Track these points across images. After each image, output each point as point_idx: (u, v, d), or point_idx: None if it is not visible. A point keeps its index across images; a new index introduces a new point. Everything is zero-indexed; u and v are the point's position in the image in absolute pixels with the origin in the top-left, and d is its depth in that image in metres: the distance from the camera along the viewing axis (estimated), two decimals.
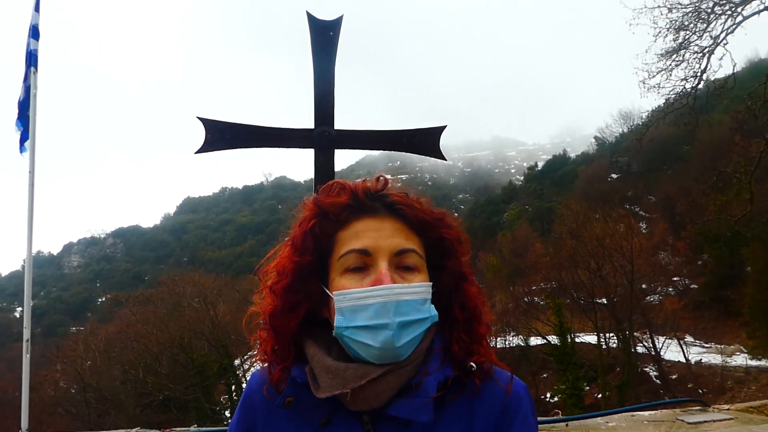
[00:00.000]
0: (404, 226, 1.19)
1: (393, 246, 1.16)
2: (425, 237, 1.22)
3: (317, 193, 1.27)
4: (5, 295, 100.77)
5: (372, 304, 1.11)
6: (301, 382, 1.18)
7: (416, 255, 1.18)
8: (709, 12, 16.59)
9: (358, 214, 1.20)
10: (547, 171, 79.36)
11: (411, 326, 1.12)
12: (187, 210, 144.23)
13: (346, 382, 1.11)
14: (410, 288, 1.13)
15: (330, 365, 1.14)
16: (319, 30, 3.50)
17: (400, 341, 1.11)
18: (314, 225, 1.21)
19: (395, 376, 1.12)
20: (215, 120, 3.46)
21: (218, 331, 34.76)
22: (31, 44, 6.67)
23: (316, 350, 1.18)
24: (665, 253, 42.36)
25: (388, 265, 1.14)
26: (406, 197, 1.23)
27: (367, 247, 1.16)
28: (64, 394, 37.03)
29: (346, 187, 1.24)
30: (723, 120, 31.97)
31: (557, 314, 30.47)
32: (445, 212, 1.27)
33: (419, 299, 1.14)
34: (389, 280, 1.12)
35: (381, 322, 1.10)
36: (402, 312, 1.11)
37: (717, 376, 30.60)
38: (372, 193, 1.22)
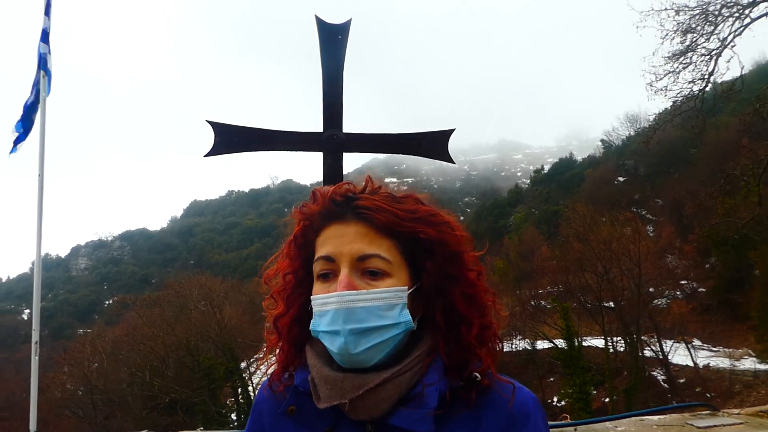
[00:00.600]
0: (370, 229, 1.16)
1: (354, 252, 1.14)
2: (399, 237, 1.18)
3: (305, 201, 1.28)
4: (13, 298, 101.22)
5: (329, 311, 1.12)
6: (303, 391, 1.18)
7: (381, 259, 1.15)
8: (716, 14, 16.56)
9: (328, 221, 1.19)
10: (554, 174, 79.18)
11: (372, 333, 1.11)
12: (194, 213, 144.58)
13: (344, 393, 1.10)
14: (368, 294, 1.12)
15: (328, 375, 1.14)
16: (328, 33, 3.50)
17: (356, 348, 1.10)
18: (298, 233, 1.24)
19: (394, 385, 1.11)
20: (224, 123, 3.47)
21: (225, 333, 34.82)
22: (41, 48, 6.70)
23: (316, 359, 1.18)
24: (673, 256, 42.18)
25: (350, 271, 1.13)
26: (379, 200, 1.18)
27: (330, 253, 1.15)
28: (71, 396, 37.15)
29: (322, 193, 1.23)
30: (730, 122, 31.81)
31: (564, 318, 30.36)
32: (430, 210, 1.22)
33: (382, 305, 1.12)
34: (344, 286, 1.11)
35: (333, 329, 1.11)
36: (357, 319, 1.10)
37: (725, 380, 30.43)
38: (338, 199, 1.20)
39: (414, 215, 1.18)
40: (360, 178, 1.28)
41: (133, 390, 34.83)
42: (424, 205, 1.22)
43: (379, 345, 1.12)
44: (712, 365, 32.75)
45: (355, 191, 1.22)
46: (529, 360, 36.85)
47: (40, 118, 6.74)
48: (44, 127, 6.76)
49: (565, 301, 33.78)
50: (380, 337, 1.12)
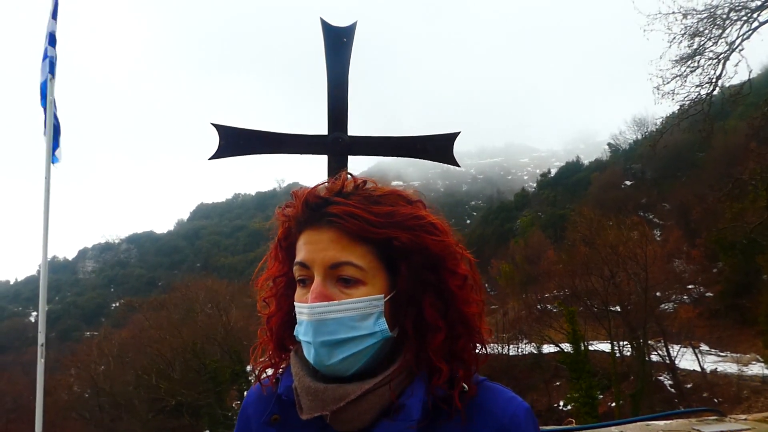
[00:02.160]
0: (342, 236, 1.11)
1: (326, 259, 1.09)
2: (374, 242, 1.12)
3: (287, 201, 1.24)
4: (21, 300, 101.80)
5: (303, 321, 1.11)
6: (287, 400, 1.16)
7: (353, 267, 1.10)
8: (724, 18, 16.48)
9: (304, 226, 1.15)
10: (560, 178, 79.07)
11: (344, 344, 1.08)
12: (201, 216, 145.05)
13: (325, 404, 1.08)
14: (339, 305, 1.08)
15: (309, 386, 1.11)
16: (333, 36, 3.51)
17: (330, 359, 1.08)
18: (281, 236, 1.22)
19: (376, 396, 1.08)
20: (229, 126, 3.47)
21: (231, 336, 34.90)
22: (48, 51, 6.72)
23: (299, 368, 1.15)
24: (680, 260, 42.01)
25: (323, 279, 1.10)
26: (354, 203, 1.12)
27: (304, 260, 1.12)
28: (78, 399, 37.32)
29: (299, 196, 1.19)
30: (738, 126, 31.69)
31: (570, 322, 30.28)
32: (411, 213, 1.14)
33: (354, 315, 1.08)
34: (315, 297, 1.08)
35: (306, 340, 1.10)
36: (327, 331, 1.07)
37: (733, 386, 30.26)
38: (312, 202, 1.15)
39: (389, 219, 1.11)
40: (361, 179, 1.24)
41: (140, 393, 34.94)
42: (405, 206, 1.15)
43: (354, 355, 1.09)
44: (720, 370, 32.57)
45: (329, 194, 1.15)
46: (535, 364, 36.75)
47: (47, 121, 6.76)
48: (51, 130, 6.78)
49: (571, 304, 33.70)
50: (354, 347, 1.09)
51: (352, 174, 1.22)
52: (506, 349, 39.84)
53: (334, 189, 1.17)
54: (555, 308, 38.11)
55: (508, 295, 46.94)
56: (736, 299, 36.71)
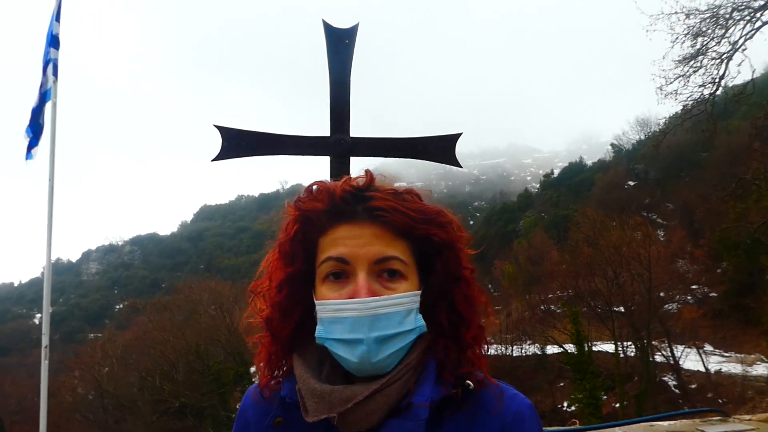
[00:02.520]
0: (386, 231, 1.11)
1: (372, 254, 1.09)
2: (412, 238, 1.14)
3: (299, 195, 1.22)
4: (25, 302, 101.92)
5: (347, 318, 1.07)
6: (290, 402, 1.14)
7: (399, 261, 1.11)
8: (727, 18, 16.46)
9: (337, 220, 1.13)
10: (563, 178, 78.91)
11: (392, 340, 1.07)
12: (204, 217, 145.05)
13: (332, 406, 1.06)
14: (389, 300, 1.08)
15: (315, 388, 1.09)
16: (335, 38, 3.51)
17: (378, 356, 1.06)
18: (297, 231, 1.17)
19: (383, 396, 1.07)
20: (232, 128, 3.48)
21: (234, 338, 34.89)
22: (51, 53, 6.72)
23: (304, 371, 1.14)
24: (683, 260, 41.90)
25: (366, 274, 1.09)
26: (391, 198, 1.13)
27: (344, 255, 1.09)
28: (82, 400, 37.38)
29: (323, 189, 1.17)
30: (742, 126, 31.63)
31: (574, 322, 30.24)
32: (438, 210, 1.17)
33: (402, 311, 1.09)
34: (365, 292, 1.07)
35: (355, 337, 1.06)
36: (379, 326, 1.06)
37: (737, 386, 30.18)
38: (349, 195, 1.14)
39: (425, 216, 1.14)
40: None
41: (143, 394, 34.98)
42: (427, 204, 1.18)
43: (398, 351, 1.09)
44: (724, 371, 32.49)
45: (362, 188, 1.16)
46: (538, 365, 36.71)
47: (50, 124, 6.77)
48: (55, 133, 6.79)
49: (574, 305, 33.67)
50: (400, 343, 1.09)
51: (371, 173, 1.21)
52: (510, 350, 39.80)
53: (362, 183, 1.18)
54: (558, 309, 38.06)
55: (512, 296, 46.85)
56: (740, 299, 36.60)
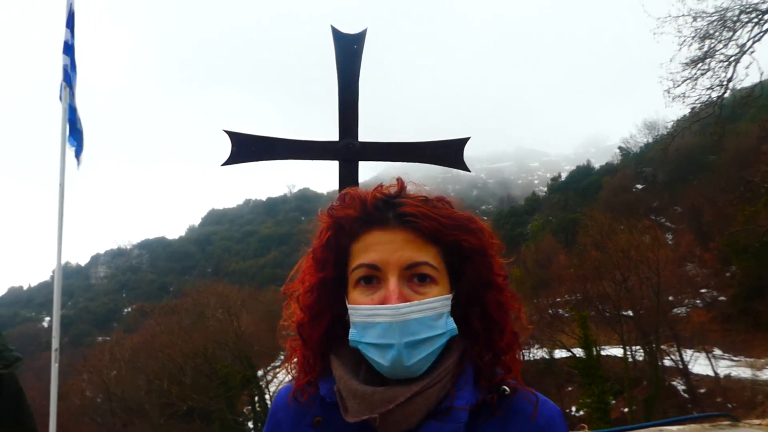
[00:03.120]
0: (417, 237, 1.14)
1: (403, 260, 1.12)
2: (442, 244, 1.16)
3: (334, 201, 1.25)
4: (34, 305, 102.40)
5: (379, 323, 1.09)
6: (330, 402, 1.16)
7: (429, 267, 1.13)
8: (734, 20, 16.40)
9: (368, 226, 1.16)
10: (571, 182, 78.67)
11: (423, 344, 1.09)
12: (212, 222, 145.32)
13: (373, 407, 1.08)
14: (420, 305, 1.09)
15: (357, 389, 1.11)
16: (344, 43, 3.53)
17: (410, 360, 1.08)
18: (329, 237, 1.19)
19: (423, 398, 1.09)
20: (241, 133, 3.50)
21: (242, 342, 34.95)
22: (64, 60, 6.78)
23: (343, 372, 1.16)
24: (692, 264, 41.67)
25: (398, 279, 1.11)
26: (422, 204, 1.16)
27: (375, 261, 1.12)
28: (90, 404, 37.49)
29: (355, 196, 1.20)
30: (750, 129, 31.45)
31: (582, 326, 30.11)
32: (468, 216, 1.20)
33: (432, 315, 1.10)
34: (396, 298, 1.09)
35: (387, 342, 1.08)
36: (410, 331, 1.08)
37: (747, 391, 29.95)
38: (380, 202, 1.18)
39: (456, 222, 1.17)
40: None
41: (151, 398, 35.05)
42: (456, 210, 1.21)
43: (429, 355, 1.10)
44: (734, 375, 32.26)
45: (393, 195, 1.20)
46: (547, 369, 36.54)
47: (61, 129, 6.81)
48: (65, 138, 6.83)
49: (583, 309, 33.51)
50: (431, 347, 1.10)
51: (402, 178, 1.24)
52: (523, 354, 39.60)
53: (394, 191, 1.21)
54: (567, 313, 37.89)
55: (520, 300, 46.71)
56: (749, 303, 36.35)
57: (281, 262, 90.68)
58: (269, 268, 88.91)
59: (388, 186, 1.23)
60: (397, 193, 1.21)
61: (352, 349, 1.17)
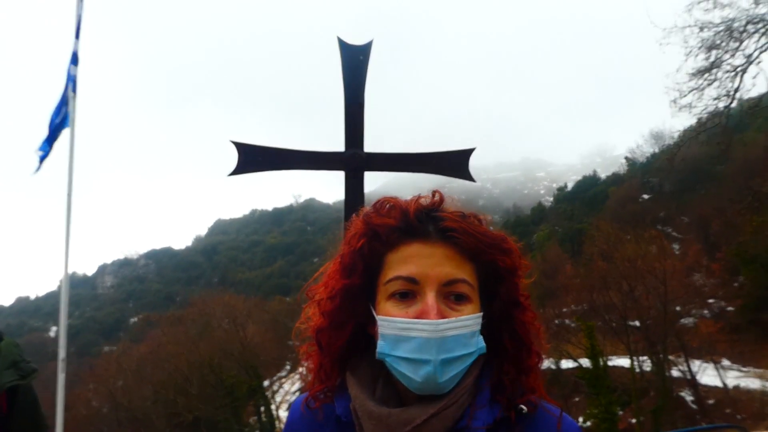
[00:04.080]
0: (456, 252, 1.12)
1: (443, 275, 1.10)
2: (478, 262, 1.15)
3: (368, 208, 1.22)
4: (41, 315, 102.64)
5: (415, 337, 1.06)
6: (346, 422, 1.14)
7: (467, 284, 1.12)
8: (741, 30, 16.42)
9: (408, 238, 1.14)
10: (577, 192, 78.59)
11: (456, 361, 1.08)
12: (218, 232, 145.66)
13: (390, 429, 1.07)
14: (457, 322, 1.08)
15: (372, 411, 1.09)
16: (350, 54, 3.56)
17: (443, 377, 1.06)
18: (363, 244, 1.16)
19: (440, 419, 1.07)
20: (248, 143, 3.52)
21: (248, 352, 34.91)
22: (71, 70, 6.84)
23: (359, 391, 1.14)
24: (699, 274, 41.43)
25: (435, 295, 1.09)
26: (461, 219, 1.15)
27: (414, 275, 1.10)
28: (97, 414, 37.46)
29: (396, 206, 1.18)
30: (757, 139, 31.45)
31: (589, 337, 29.95)
32: (502, 236, 1.19)
33: (467, 333, 1.09)
34: (435, 313, 1.07)
35: (423, 357, 1.06)
36: (447, 348, 1.06)
37: (756, 402, 29.69)
38: (424, 214, 1.16)
39: (492, 241, 1.15)
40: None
41: (157, 408, 35.00)
42: (491, 229, 1.20)
43: (459, 373, 1.09)
44: (742, 386, 32.00)
45: (434, 208, 1.18)
46: (553, 379, 36.33)
47: (69, 138, 6.85)
48: (73, 148, 6.87)
49: (589, 319, 33.35)
50: (463, 364, 1.09)
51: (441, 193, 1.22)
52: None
53: (435, 204, 1.19)
54: (573, 323, 37.72)
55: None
56: (757, 314, 36.09)
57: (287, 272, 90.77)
58: (275, 278, 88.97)
59: (426, 197, 1.21)
60: (437, 206, 1.19)
61: (369, 364, 1.17)
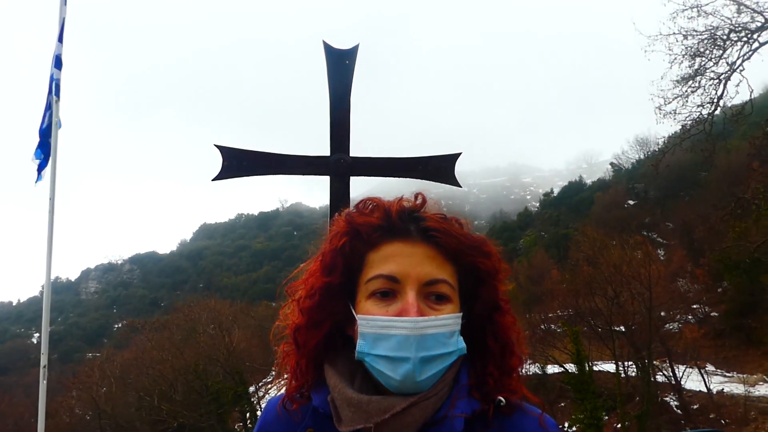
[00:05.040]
0: (437, 252, 1.14)
1: (423, 275, 1.11)
2: (459, 264, 1.16)
3: (351, 208, 1.23)
4: (23, 321, 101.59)
5: (394, 335, 1.07)
6: (323, 413, 1.14)
7: (447, 285, 1.13)
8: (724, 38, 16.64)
9: (390, 237, 1.15)
10: (563, 197, 79.06)
11: (435, 360, 1.08)
12: (204, 236, 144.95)
13: (369, 416, 1.06)
14: (437, 321, 1.09)
15: (352, 398, 1.09)
16: (335, 58, 3.55)
17: (421, 375, 1.06)
18: (345, 243, 1.17)
19: (420, 408, 1.08)
20: (232, 147, 3.50)
21: (233, 357, 34.74)
22: (54, 74, 6.79)
23: (338, 380, 1.14)
24: (684, 280, 41.84)
25: (416, 294, 1.10)
26: (443, 221, 1.17)
27: (395, 273, 1.11)
28: (80, 421, 37.16)
29: (379, 205, 1.19)
30: (741, 146, 31.73)
31: (574, 342, 30.08)
32: (483, 239, 1.21)
33: (446, 332, 1.09)
34: (415, 311, 1.07)
35: (402, 355, 1.06)
36: (426, 346, 1.07)
37: (740, 407, 29.95)
38: (406, 214, 1.17)
39: (473, 244, 1.17)
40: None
41: (141, 414, 34.76)
42: (471, 233, 1.21)
43: (438, 372, 1.09)
44: (726, 391, 32.28)
45: (416, 209, 1.20)
46: (539, 384, 36.43)
47: (52, 143, 6.80)
48: (56, 153, 6.82)
49: (575, 324, 33.52)
50: (442, 364, 1.09)
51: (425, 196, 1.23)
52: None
53: (418, 205, 1.21)
54: (559, 328, 37.89)
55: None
56: (741, 319, 36.50)
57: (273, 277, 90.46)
58: (261, 283, 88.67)
59: (407, 199, 1.22)
60: (420, 207, 1.20)
61: (348, 361, 1.16)
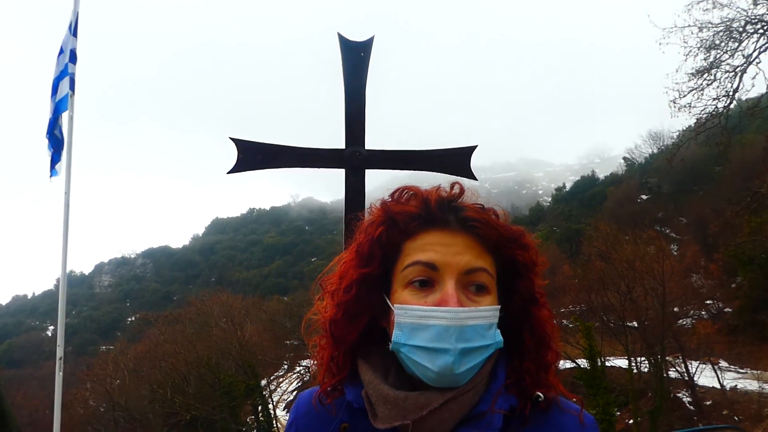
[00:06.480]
0: (476, 242, 1.11)
1: (463, 263, 1.08)
2: (497, 256, 1.14)
3: (385, 197, 1.21)
4: (38, 314, 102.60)
5: (433, 325, 1.04)
6: (357, 408, 1.12)
7: (487, 274, 1.10)
8: (740, 31, 16.44)
9: (428, 226, 1.12)
10: (576, 192, 78.61)
11: (474, 352, 1.05)
12: (216, 231, 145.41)
13: (406, 413, 1.04)
14: (477, 312, 1.06)
15: (388, 394, 1.07)
16: (351, 50, 3.53)
17: (460, 368, 1.04)
18: (381, 232, 1.14)
19: (457, 404, 1.06)
20: (247, 140, 3.49)
21: (245, 351, 34.87)
22: (69, 68, 6.77)
23: (372, 376, 1.11)
24: (697, 275, 41.51)
25: (455, 283, 1.07)
26: (482, 211, 1.15)
27: (434, 261, 1.08)
28: (94, 413, 37.40)
29: (417, 194, 1.17)
30: (756, 140, 31.38)
31: (587, 337, 29.93)
32: (522, 231, 1.18)
33: (485, 324, 1.07)
34: (455, 301, 1.05)
35: (441, 346, 1.03)
36: (465, 338, 1.04)
37: (753, 403, 29.71)
38: (445, 204, 1.15)
39: (512, 235, 1.15)
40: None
41: (155, 407, 34.97)
42: (509, 224, 1.19)
43: (477, 365, 1.07)
44: (740, 387, 32.03)
45: (455, 198, 1.18)
46: None
47: (68, 138, 6.81)
48: (71, 147, 6.83)
49: (587, 320, 33.36)
50: (480, 356, 1.07)
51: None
52: None
53: (457, 194, 1.19)
54: (571, 323, 37.77)
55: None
56: (755, 315, 36.17)
57: (285, 272, 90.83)
58: (273, 277, 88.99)
59: (446, 189, 1.20)
60: (458, 196, 1.18)
61: (381, 354, 1.15)
